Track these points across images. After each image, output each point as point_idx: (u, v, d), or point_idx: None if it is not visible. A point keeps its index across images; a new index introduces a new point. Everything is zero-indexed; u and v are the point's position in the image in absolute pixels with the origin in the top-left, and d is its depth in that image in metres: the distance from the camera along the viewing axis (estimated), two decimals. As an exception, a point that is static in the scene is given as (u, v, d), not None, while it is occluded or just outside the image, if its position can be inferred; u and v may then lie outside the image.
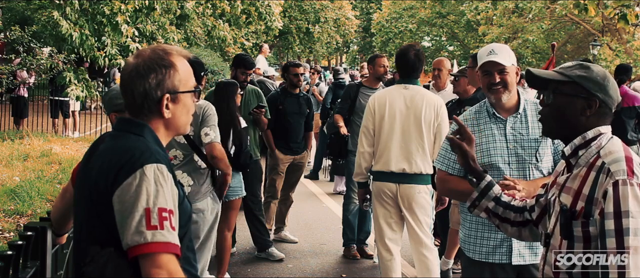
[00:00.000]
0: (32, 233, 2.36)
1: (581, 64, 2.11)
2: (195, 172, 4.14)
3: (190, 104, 1.96)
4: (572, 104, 2.05)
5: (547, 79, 2.12)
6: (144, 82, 1.86)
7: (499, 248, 2.96)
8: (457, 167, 3.02)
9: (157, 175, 1.75)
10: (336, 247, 6.29)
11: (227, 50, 18.92)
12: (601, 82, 2.04)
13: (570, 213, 1.99)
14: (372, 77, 5.99)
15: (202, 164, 4.13)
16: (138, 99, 1.88)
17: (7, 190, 6.86)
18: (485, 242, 2.99)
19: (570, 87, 2.06)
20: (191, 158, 4.12)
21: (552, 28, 28.22)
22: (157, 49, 1.94)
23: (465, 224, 3.10)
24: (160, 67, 1.88)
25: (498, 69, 2.99)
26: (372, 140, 4.42)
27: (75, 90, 9.97)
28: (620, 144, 2.02)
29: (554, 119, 2.10)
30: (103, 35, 9.77)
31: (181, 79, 1.91)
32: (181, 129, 1.98)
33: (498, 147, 2.98)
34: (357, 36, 40.84)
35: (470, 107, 3.25)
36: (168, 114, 1.90)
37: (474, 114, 3.10)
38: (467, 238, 3.07)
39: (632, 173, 1.90)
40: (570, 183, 2.04)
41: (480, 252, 3.01)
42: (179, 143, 4.11)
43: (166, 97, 1.89)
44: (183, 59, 1.95)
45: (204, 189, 4.18)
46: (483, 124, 3.04)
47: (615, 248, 1.84)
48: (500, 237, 2.94)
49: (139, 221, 1.69)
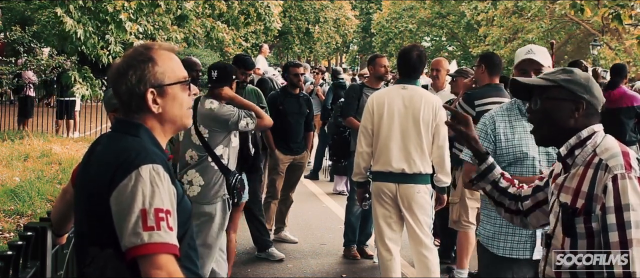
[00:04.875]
0: (32, 233, 2.36)
1: (564, 69, 2.18)
2: (208, 173, 4.16)
3: (182, 95, 1.92)
4: (560, 107, 2.10)
5: (533, 85, 2.15)
6: (125, 80, 1.85)
7: (524, 244, 3.02)
8: None
9: (152, 176, 1.75)
10: (336, 247, 6.29)
11: (226, 51, 18.94)
12: (586, 83, 2.10)
13: (571, 210, 2.01)
14: (373, 78, 5.98)
15: (215, 166, 4.16)
16: (124, 98, 1.87)
17: (7, 190, 6.86)
18: (510, 237, 3.04)
19: (556, 91, 2.11)
20: (205, 159, 4.17)
21: (552, 28, 28.22)
22: (139, 46, 1.93)
23: (490, 221, 3.13)
24: (138, 62, 1.86)
25: (535, 67, 3.08)
26: (371, 140, 4.43)
27: (80, 88, 10.01)
28: (615, 140, 2.07)
29: (544, 124, 2.14)
30: (106, 33, 9.78)
31: (164, 71, 1.88)
32: (178, 122, 1.94)
33: (530, 143, 3.02)
34: (357, 36, 40.84)
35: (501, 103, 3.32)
36: (157, 108, 1.88)
37: (505, 111, 3.16)
38: (492, 234, 3.10)
39: (630, 166, 1.93)
40: (569, 182, 2.06)
41: (505, 248, 3.05)
42: (194, 144, 4.18)
43: (150, 91, 1.86)
44: (166, 52, 1.92)
45: (215, 191, 4.17)
46: (514, 120, 3.10)
47: (618, 241, 1.86)
48: (525, 232, 2.99)
49: (136, 222, 1.69)
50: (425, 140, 4.31)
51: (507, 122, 3.10)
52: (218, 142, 4.18)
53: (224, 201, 4.23)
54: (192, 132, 4.18)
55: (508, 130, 3.07)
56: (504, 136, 3.06)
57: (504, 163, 3.03)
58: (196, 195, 4.12)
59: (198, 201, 4.10)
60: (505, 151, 3.06)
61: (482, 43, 29.50)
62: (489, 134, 3.10)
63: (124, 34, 9.75)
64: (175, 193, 1.82)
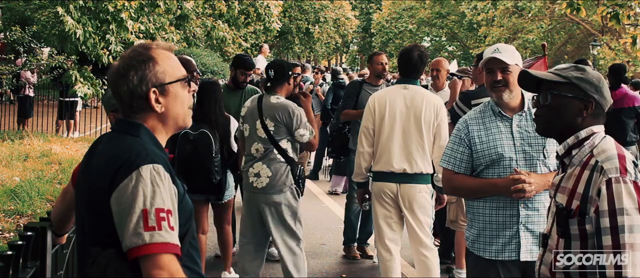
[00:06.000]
0: (32, 233, 2.36)
1: (576, 66, 2.15)
2: (274, 165, 4.36)
3: (183, 94, 1.93)
4: (569, 104, 2.08)
5: (543, 79, 2.14)
6: (126, 81, 1.86)
7: (508, 246, 2.97)
8: (464, 166, 3.04)
9: (153, 176, 1.75)
10: (336, 247, 6.29)
11: (226, 51, 18.93)
12: (597, 83, 2.09)
13: (566, 212, 2.00)
14: (373, 75, 6.05)
15: (280, 158, 4.34)
16: (125, 99, 1.88)
17: (7, 190, 6.86)
18: (495, 240, 2.99)
19: (567, 88, 2.09)
20: (271, 151, 4.36)
21: (552, 28, 28.23)
22: (137, 46, 1.93)
23: (474, 224, 3.09)
24: (139, 62, 1.87)
25: (501, 67, 3.02)
26: (372, 140, 4.42)
27: (82, 87, 10.02)
28: (613, 143, 2.05)
29: (551, 119, 2.13)
30: (107, 33, 9.78)
31: (165, 70, 1.89)
32: (180, 121, 1.95)
33: (505, 144, 2.99)
34: (357, 36, 40.82)
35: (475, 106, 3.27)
36: (160, 108, 1.89)
37: (479, 113, 3.13)
38: (477, 237, 3.07)
39: (625, 170, 1.92)
40: (565, 182, 2.06)
41: (490, 250, 3.01)
42: (260, 138, 4.37)
43: (153, 91, 1.87)
44: (165, 51, 1.93)
45: (282, 181, 4.37)
46: (489, 122, 3.06)
47: (611, 245, 1.86)
48: (508, 234, 2.96)
49: (137, 222, 1.69)
50: (427, 140, 4.31)
51: (481, 125, 3.06)
52: (282, 136, 4.36)
53: (292, 190, 4.42)
54: (258, 126, 4.36)
55: (482, 132, 3.04)
56: (479, 139, 3.02)
57: (481, 166, 3.01)
58: (265, 186, 4.34)
59: (267, 192, 4.34)
60: (481, 154, 3.01)
61: (482, 43, 29.50)
62: (463, 138, 3.06)
63: (125, 32, 9.76)
64: (176, 193, 1.82)
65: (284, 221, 4.42)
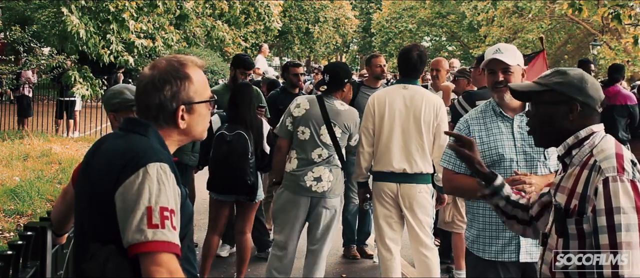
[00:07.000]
0: (32, 233, 2.36)
1: (558, 70, 2.16)
2: (335, 170, 4.39)
3: (206, 113, 1.98)
4: (554, 111, 2.09)
5: (527, 91, 2.15)
6: (159, 94, 1.88)
7: (508, 247, 2.97)
8: (464, 166, 3.03)
9: (159, 174, 1.76)
10: (336, 247, 6.28)
11: (226, 51, 18.93)
12: (578, 84, 2.08)
13: (564, 211, 2.01)
14: (371, 77, 6.05)
15: (339, 163, 4.39)
16: (153, 111, 1.90)
17: (7, 190, 6.87)
18: (495, 240, 2.99)
19: (549, 95, 2.10)
20: (333, 156, 4.37)
21: (552, 28, 28.23)
22: (172, 60, 1.94)
23: (474, 224, 3.09)
24: (175, 79, 1.90)
25: (502, 67, 3.01)
26: (372, 140, 4.43)
27: (81, 88, 10.02)
28: (612, 142, 2.04)
29: (542, 128, 2.14)
30: (108, 33, 9.79)
31: (196, 89, 1.93)
32: (197, 137, 1.99)
33: (506, 144, 2.99)
34: (357, 36, 40.83)
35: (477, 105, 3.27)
36: (183, 124, 1.92)
37: (480, 113, 3.12)
38: (477, 238, 3.06)
39: (623, 169, 1.92)
40: (565, 182, 2.06)
41: (490, 251, 3.00)
42: (324, 143, 4.35)
43: (181, 108, 1.90)
44: (198, 69, 1.96)
45: (340, 186, 4.44)
46: (490, 122, 3.05)
47: (608, 244, 1.86)
48: (508, 235, 2.95)
49: (141, 219, 1.70)
50: (427, 139, 4.31)
51: (482, 125, 3.05)
52: (345, 142, 4.41)
53: (340, 196, 4.49)
54: (323, 131, 4.34)
55: (483, 132, 3.03)
56: (479, 139, 3.01)
57: None
58: (326, 190, 4.35)
59: (327, 196, 4.36)
60: (481, 154, 3.00)
61: (482, 43, 29.50)
62: None
63: (127, 32, 9.76)
64: (179, 194, 1.83)
65: (333, 224, 4.49)
